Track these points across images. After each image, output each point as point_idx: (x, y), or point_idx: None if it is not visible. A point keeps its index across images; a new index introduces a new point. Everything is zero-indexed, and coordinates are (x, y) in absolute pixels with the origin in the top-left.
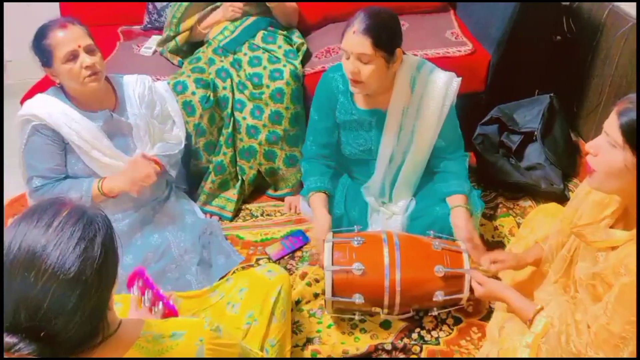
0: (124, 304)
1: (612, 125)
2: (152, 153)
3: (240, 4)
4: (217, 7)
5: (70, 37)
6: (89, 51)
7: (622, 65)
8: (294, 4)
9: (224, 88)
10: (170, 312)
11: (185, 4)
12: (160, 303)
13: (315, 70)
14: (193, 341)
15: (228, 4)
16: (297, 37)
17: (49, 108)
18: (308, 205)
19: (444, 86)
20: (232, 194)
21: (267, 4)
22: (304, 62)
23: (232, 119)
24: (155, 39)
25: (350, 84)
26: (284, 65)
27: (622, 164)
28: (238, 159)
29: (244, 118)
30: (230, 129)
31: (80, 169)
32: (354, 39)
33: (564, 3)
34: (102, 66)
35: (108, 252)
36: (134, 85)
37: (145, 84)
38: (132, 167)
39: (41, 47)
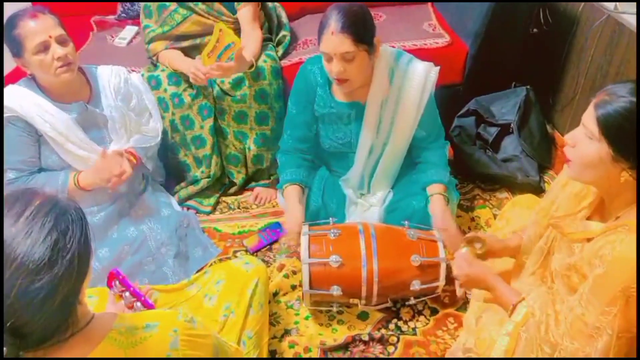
0: (100, 297)
1: (589, 118)
2: (128, 145)
3: (204, 76)
4: (184, 47)
5: (41, 28)
6: (60, 42)
7: (597, 58)
8: (258, 39)
9: (206, 96)
10: (149, 309)
11: (157, 30)
12: (139, 303)
13: (292, 62)
14: (167, 332)
15: (193, 69)
16: (284, 31)
17: (21, 99)
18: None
19: (422, 76)
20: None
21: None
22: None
23: (215, 126)
24: (129, 29)
25: (335, 83)
26: (265, 61)
27: (598, 155)
28: (225, 164)
29: (229, 125)
30: (215, 138)
31: (54, 162)
32: (334, 40)
33: None
34: (74, 57)
35: (80, 244)
36: (108, 76)
37: (121, 75)
38: (105, 163)
39: (11, 37)
